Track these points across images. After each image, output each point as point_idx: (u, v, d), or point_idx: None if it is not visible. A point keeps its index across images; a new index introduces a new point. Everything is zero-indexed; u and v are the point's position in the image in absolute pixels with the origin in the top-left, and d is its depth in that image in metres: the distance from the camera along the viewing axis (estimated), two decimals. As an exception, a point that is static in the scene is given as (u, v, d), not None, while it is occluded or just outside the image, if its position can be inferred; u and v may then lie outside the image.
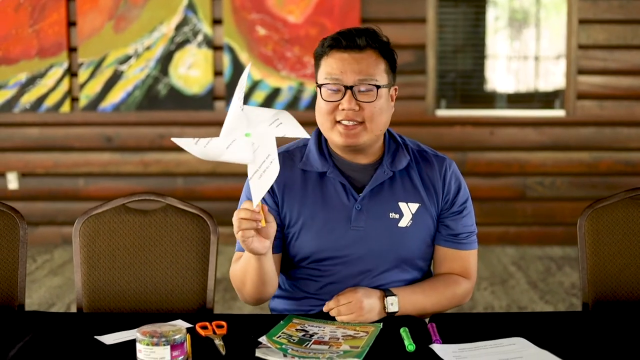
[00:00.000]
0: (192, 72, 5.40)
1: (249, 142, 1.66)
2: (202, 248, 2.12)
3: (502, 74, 5.87)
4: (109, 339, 1.68)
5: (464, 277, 1.98)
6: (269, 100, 5.39)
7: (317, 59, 1.91)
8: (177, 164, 5.55)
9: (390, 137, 1.97)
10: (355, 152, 1.91)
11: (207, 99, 5.40)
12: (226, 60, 5.38)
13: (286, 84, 5.38)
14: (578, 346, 1.63)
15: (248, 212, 1.67)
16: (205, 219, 2.14)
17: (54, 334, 1.74)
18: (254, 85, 5.38)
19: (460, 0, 5.68)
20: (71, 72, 5.46)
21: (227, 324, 1.73)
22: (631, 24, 5.37)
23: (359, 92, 1.83)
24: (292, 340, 1.63)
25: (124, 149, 5.56)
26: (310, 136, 1.80)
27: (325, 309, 1.81)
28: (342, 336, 1.66)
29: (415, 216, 1.91)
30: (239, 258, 1.93)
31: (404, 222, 1.90)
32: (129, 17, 5.37)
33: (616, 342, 1.65)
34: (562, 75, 5.57)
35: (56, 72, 5.42)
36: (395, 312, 1.82)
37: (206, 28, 5.35)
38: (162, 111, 5.46)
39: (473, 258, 1.99)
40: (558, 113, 5.53)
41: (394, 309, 1.81)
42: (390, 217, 1.90)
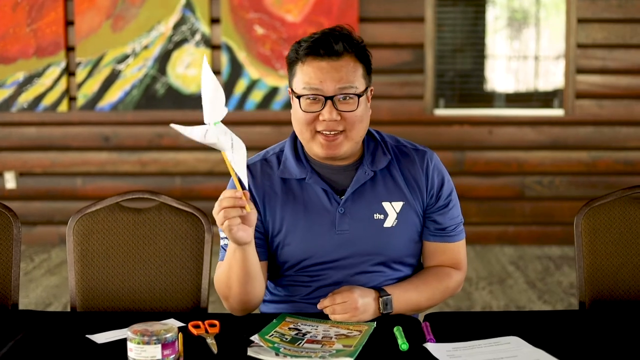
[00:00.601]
0: (190, 71, 5.39)
1: (218, 130, 1.66)
2: (196, 247, 2.11)
3: (501, 73, 5.86)
4: (101, 338, 1.67)
5: (455, 268, 1.96)
6: (267, 100, 5.38)
7: (291, 64, 1.83)
8: (175, 163, 5.54)
9: (368, 136, 1.93)
10: (334, 159, 1.87)
11: (205, 98, 5.37)
12: (224, 59, 5.37)
13: (284, 83, 5.36)
14: (574, 345, 1.62)
15: (231, 200, 1.63)
16: (200, 217, 2.13)
17: (45, 333, 1.73)
18: (252, 85, 5.37)
19: (460, 0, 5.67)
20: (69, 72, 5.45)
21: (219, 323, 1.72)
22: (630, 23, 5.36)
23: (340, 102, 1.78)
24: (284, 339, 1.62)
25: (121, 149, 5.54)
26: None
27: (319, 306, 1.79)
28: (335, 335, 1.65)
29: (400, 215, 1.88)
30: (221, 266, 1.87)
31: (389, 222, 1.87)
32: (127, 16, 5.36)
33: (612, 341, 1.64)
34: (561, 75, 5.56)
35: (54, 72, 5.41)
36: (390, 312, 1.81)
37: (204, 27, 5.34)
38: (160, 110, 5.45)
39: (462, 248, 1.97)
40: (557, 112, 5.52)
41: (389, 309, 1.80)
42: (375, 218, 1.87)
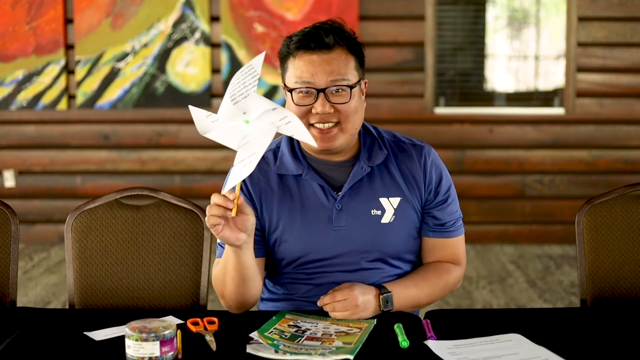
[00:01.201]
0: (189, 69, 5.38)
1: (245, 129, 1.63)
2: (195, 244, 2.10)
3: (501, 73, 5.85)
4: (99, 335, 1.66)
5: (454, 264, 1.95)
6: (268, 98, 5.33)
7: (283, 59, 1.83)
8: (175, 162, 5.53)
9: (365, 131, 1.92)
10: (330, 152, 1.87)
11: (205, 97, 5.38)
12: (224, 57, 5.35)
13: (284, 82, 5.35)
14: (575, 343, 1.60)
15: (221, 199, 1.61)
16: (199, 214, 2.11)
17: (43, 330, 1.71)
18: (252, 83, 5.35)
19: (459, -2, 5.66)
20: (68, 70, 5.44)
21: (218, 320, 1.71)
22: (630, 22, 5.35)
23: (332, 94, 1.78)
24: (284, 336, 1.60)
25: (121, 147, 5.53)
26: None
27: (319, 303, 1.78)
28: (335, 332, 1.64)
29: (397, 211, 1.87)
30: (218, 264, 1.87)
31: (387, 218, 1.86)
32: (126, 14, 5.35)
33: (614, 339, 1.63)
34: (562, 74, 5.54)
35: (53, 70, 5.40)
36: (391, 310, 1.80)
37: (204, 25, 5.33)
38: (160, 109, 5.44)
39: (461, 244, 1.96)
40: (557, 111, 5.51)
41: (389, 306, 1.79)
42: (372, 214, 1.85)
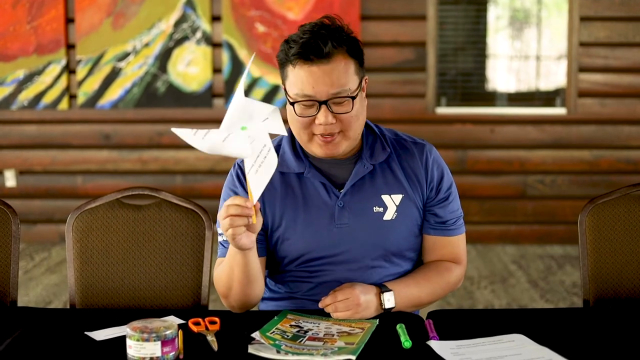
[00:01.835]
0: (190, 69, 5.37)
1: (244, 135, 1.63)
2: (196, 244, 2.09)
3: (503, 73, 5.84)
4: (100, 335, 1.65)
5: (455, 263, 1.94)
6: (268, 98, 5.36)
7: (282, 65, 1.80)
8: (176, 161, 5.52)
9: (367, 130, 1.92)
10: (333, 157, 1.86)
11: (206, 96, 5.37)
12: (225, 57, 5.35)
13: (285, 82, 5.34)
14: (578, 343, 1.60)
15: (239, 209, 1.60)
16: (200, 214, 2.11)
17: (44, 330, 1.71)
18: (253, 83, 5.35)
19: (461, -2, 5.66)
20: (69, 69, 5.43)
21: (220, 320, 1.70)
22: (632, 22, 5.34)
23: (334, 105, 1.76)
24: (285, 336, 1.60)
25: (122, 147, 5.53)
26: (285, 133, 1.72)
27: (321, 304, 1.77)
28: (337, 332, 1.63)
29: (399, 208, 1.87)
30: (221, 264, 1.87)
31: (389, 215, 1.86)
32: (128, 13, 5.34)
33: (617, 339, 1.62)
34: (563, 74, 5.53)
35: (54, 69, 5.39)
36: (392, 308, 1.79)
37: (205, 25, 5.32)
38: (161, 108, 5.43)
39: (462, 242, 1.96)
40: (559, 111, 5.50)
41: (390, 304, 1.78)
42: (375, 211, 1.85)
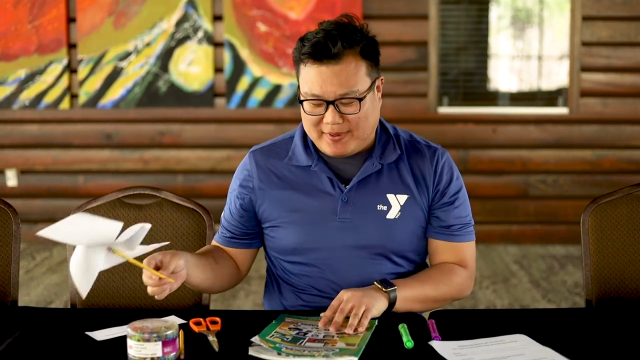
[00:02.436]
0: (192, 68, 5.37)
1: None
2: (197, 243, 2.09)
3: (505, 72, 5.83)
4: (101, 335, 1.64)
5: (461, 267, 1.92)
6: (270, 97, 5.35)
7: (296, 63, 1.81)
8: (177, 161, 5.52)
9: (382, 129, 1.91)
10: (343, 156, 1.86)
11: (208, 96, 5.36)
12: (227, 57, 5.34)
13: (287, 81, 5.34)
14: (581, 343, 1.59)
15: (155, 286, 1.61)
16: (201, 213, 2.10)
17: (44, 330, 1.70)
18: (255, 82, 5.35)
19: (463, -3, 5.65)
20: (71, 69, 5.43)
21: (221, 320, 1.69)
22: (635, 21, 5.33)
23: (342, 105, 1.76)
24: (285, 339, 1.59)
25: (123, 146, 5.52)
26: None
27: (325, 324, 1.66)
28: (336, 333, 1.62)
29: (403, 208, 1.86)
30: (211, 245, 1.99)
31: (393, 214, 1.85)
32: (129, 13, 5.34)
33: (620, 340, 1.61)
34: (565, 73, 5.52)
35: (55, 69, 5.39)
36: (395, 289, 1.74)
37: (206, 24, 5.32)
38: (162, 108, 5.43)
39: (469, 250, 1.92)
40: (561, 111, 5.49)
41: (392, 287, 1.74)
42: (378, 209, 1.85)
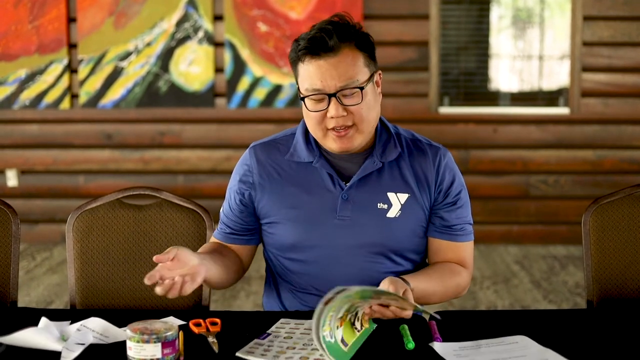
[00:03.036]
0: (192, 68, 5.36)
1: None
2: (197, 244, 2.08)
3: (505, 72, 5.82)
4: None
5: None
6: (271, 97, 5.34)
7: (293, 64, 1.82)
8: (178, 161, 5.51)
9: (382, 127, 1.91)
10: (349, 152, 1.85)
11: (208, 96, 5.36)
12: (227, 56, 5.34)
13: (287, 81, 5.33)
14: (582, 344, 1.58)
15: (165, 289, 1.56)
16: (201, 214, 2.10)
17: (44, 330, 1.69)
18: (256, 82, 5.34)
19: (464, -3, 5.64)
20: (71, 69, 5.42)
21: (221, 321, 1.69)
22: (636, 21, 5.32)
23: (344, 97, 1.76)
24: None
25: (124, 146, 5.52)
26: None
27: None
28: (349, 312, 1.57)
29: (404, 207, 1.85)
30: (210, 242, 1.98)
31: (393, 213, 1.84)
32: (129, 13, 5.33)
33: (621, 340, 1.61)
34: (566, 74, 5.52)
35: (56, 69, 5.38)
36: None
37: (207, 24, 5.31)
38: (163, 108, 5.42)
39: (468, 249, 1.93)
40: (562, 111, 5.48)
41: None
42: (379, 207, 1.84)
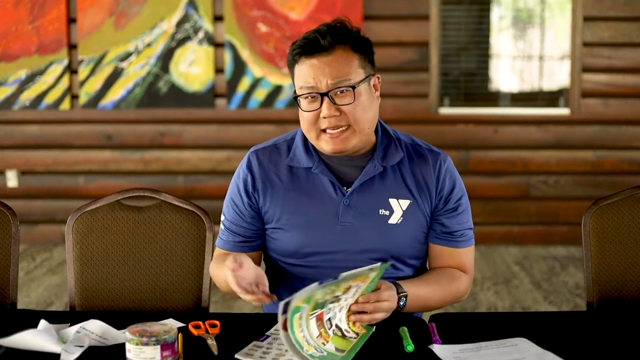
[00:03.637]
0: (193, 69, 5.36)
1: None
2: (197, 245, 2.08)
3: (505, 73, 5.82)
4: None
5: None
6: (271, 98, 5.34)
7: (290, 67, 1.83)
8: (178, 162, 5.51)
9: (383, 132, 1.90)
10: (343, 153, 1.84)
11: (208, 97, 5.36)
12: (227, 57, 5.33)
13: (288, 82, 5.33)
14: (582, 347, 1.58)
15: (253, 297, 1.56)
16: (201, 215, 2.09)
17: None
18: (256, 83, 5.34)
19: (464, -2, 5.64)
20: (71, 69, 5.42)
21: (220, 323, 1.68)
22: (636, 22, 5.32)
23: (337, 96, 1.75)
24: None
25: (124, 147, 5.51)
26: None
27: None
28: (335, 326, 1.56)
29: (406, 213, 1.84)
30: (219, 255, 1.90)
31: (394, 219, 1.84)
32: (130, 13, 5.33)
33: (621, 342, 1.61)
34: (567, 74, 5.51)
35: (56, 69, 5.38)
36: (403, 307, 1.74)
37: (207, 25, 5.31)
38: (163, 109, 5.42)
39: (469, 254, 1.93)
40: (562, 111, 5.48)
41: (402, 303, 1.73)
42: (380, 213, 1.83)
